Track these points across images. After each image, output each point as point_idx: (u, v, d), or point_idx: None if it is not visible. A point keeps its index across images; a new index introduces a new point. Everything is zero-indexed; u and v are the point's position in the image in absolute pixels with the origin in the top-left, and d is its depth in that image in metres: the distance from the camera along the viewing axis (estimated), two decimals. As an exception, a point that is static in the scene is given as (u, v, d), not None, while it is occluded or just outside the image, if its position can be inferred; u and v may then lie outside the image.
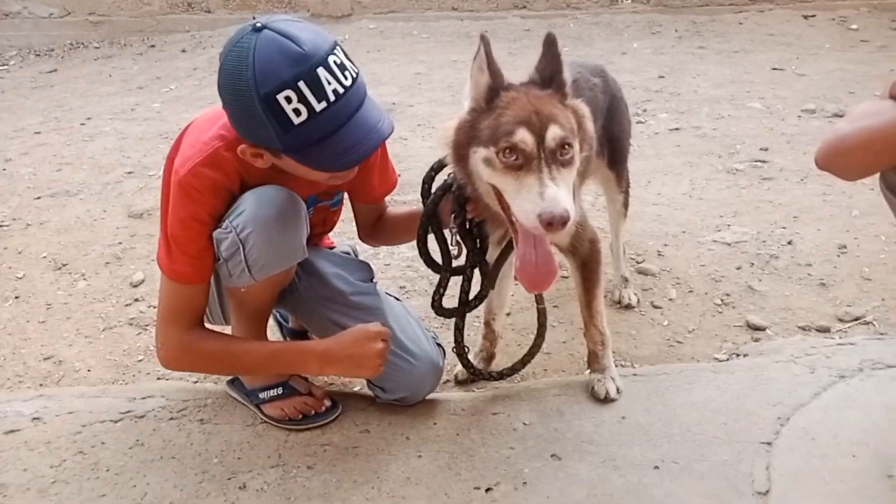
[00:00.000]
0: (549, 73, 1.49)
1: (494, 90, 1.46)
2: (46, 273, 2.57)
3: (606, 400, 1.75)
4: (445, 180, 1.66)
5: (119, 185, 3.25)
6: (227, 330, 1.76)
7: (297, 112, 1.31)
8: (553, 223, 1.30)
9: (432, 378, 1.75)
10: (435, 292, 1.74)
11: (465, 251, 1.72)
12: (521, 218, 1.38)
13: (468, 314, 1.79)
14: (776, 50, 4.84)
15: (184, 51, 5.49)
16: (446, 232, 1.69)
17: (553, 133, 1.38)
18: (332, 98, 1.33)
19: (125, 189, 3.19)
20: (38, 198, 3.19)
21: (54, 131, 4.07)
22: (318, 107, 1.32)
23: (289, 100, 1.30)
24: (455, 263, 1.74)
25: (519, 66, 5.01)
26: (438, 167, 1.69)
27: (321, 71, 1.32)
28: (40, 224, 2.94)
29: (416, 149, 3.55)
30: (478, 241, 1.71)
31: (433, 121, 3.91)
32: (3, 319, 2.31)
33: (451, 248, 1.70)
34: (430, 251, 1.74)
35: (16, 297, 2.43)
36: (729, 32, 5.32)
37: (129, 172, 3.36)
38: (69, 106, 4.54)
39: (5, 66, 5.69)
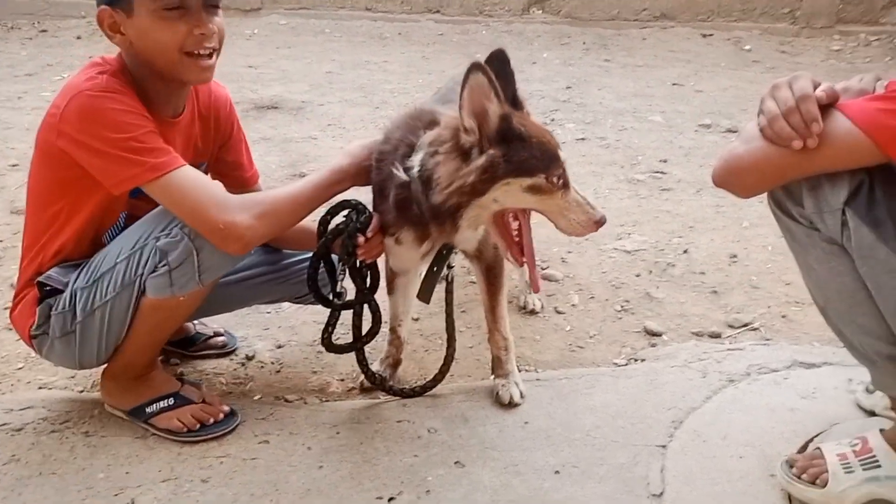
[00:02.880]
0: (511, 93, 1.50)
1: (507, 118, 1.42)
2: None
3: (510, 405, 1.77)
4: (338, 225, 1.65)
5: (1, 178, 3.02)
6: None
7: None
8: (604, 223, 1.51)
9: None
10: (325, 329, 1.69)
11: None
12: (575, 229, 1.51)
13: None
14: (676, 66, 5.07)
15: (79, 37, 5.17)
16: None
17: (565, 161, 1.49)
18: None
19: (7, 183, 2.97)
20: None
21: (-72, 118, 3.75)
22: None
23: None
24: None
25: (433, 70, 5.01)
26: (335, 211, 1.66)
27: None
28: None
29: (325, 148, 3.50)
30: (367, 279, 1.72)
31: (343, 120, 3.87)
32: None
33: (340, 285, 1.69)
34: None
35: None
36: (633, 47, 5.54)
37: (14, 165, 3.12)
38: (-54, 91, 4.19)
39: None
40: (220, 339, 1.99)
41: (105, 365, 1.67)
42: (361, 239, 1.61)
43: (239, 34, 5.43)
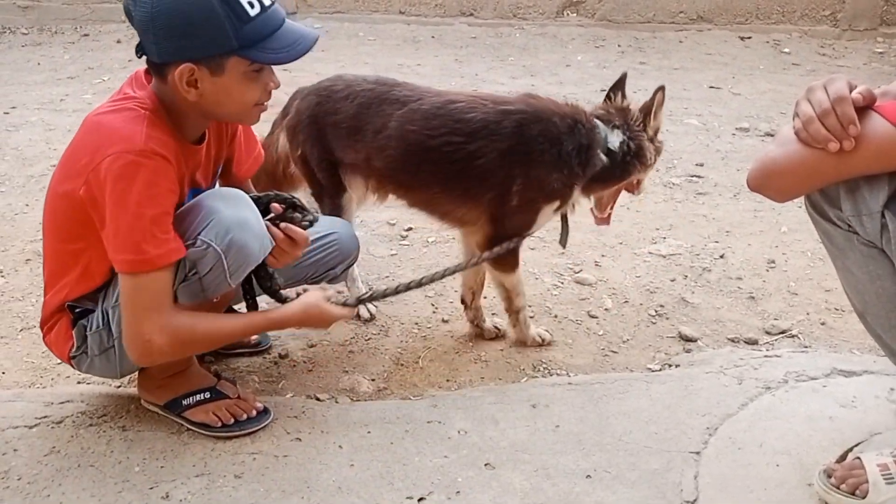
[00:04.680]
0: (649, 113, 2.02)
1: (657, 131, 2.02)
2: (-38, 268, 2.43)
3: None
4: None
5: (44, 178, 3.09)
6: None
7: (251, 5, 1.44)
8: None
9: (355, 236, 1.95)
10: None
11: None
12: (603, 220, 2.16)
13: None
14: (713, 69, 5.00)
15: (119, 41, 5.28)
16: None
17: None
18: (270, 1, 1.49)
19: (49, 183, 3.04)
20: (-44, 189, 3.02)
21: (-24, 120, 3.86)
22: (266, 3, 1.47)
23: None
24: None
25: (465, 73, 5.01)
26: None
27: None
28: (-43, 217, 2.78)
29: (358, 151, 3.51)
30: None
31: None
32: None
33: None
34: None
35: (-74, 294, 2.29)
36: (669, 50, 5.47)
37: (55, 166, 3.20)
38: (-7, 94, 4.31)
39: (-76, 49, 5.37)
40: (254, 337, 2.02)
41: None
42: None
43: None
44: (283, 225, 1.63)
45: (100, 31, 5.60)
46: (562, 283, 2.42)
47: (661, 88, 1.95)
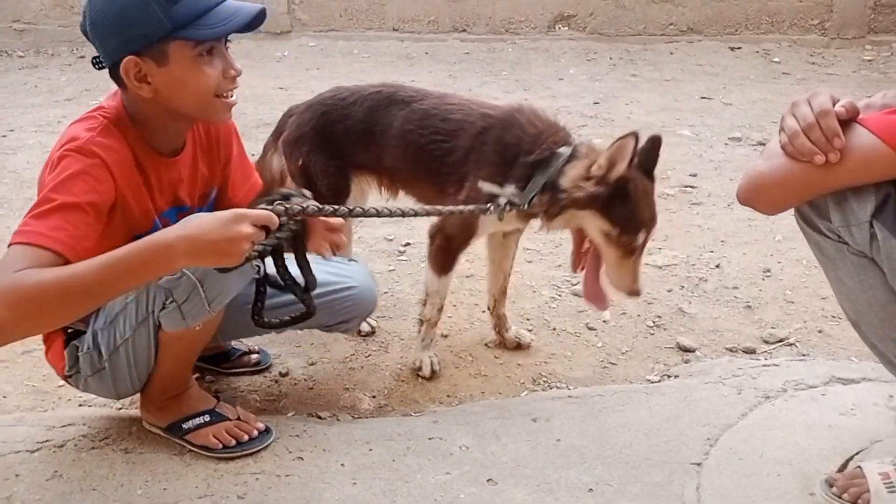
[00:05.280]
0: (650, 167, 1.77)
1: (625, 179, 1.70)
2: (-41, 293, 2.42)
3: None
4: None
5: (42, 200, 3.11)
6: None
7: None
8: (636, 296, 1.85)
9: (374, 292, 1.88)
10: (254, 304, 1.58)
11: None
12: (613, 283, 1.81)
13: None
14: (704, 79, 5.04)
15: (115, 63, 5.33)
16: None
17: (651, 236, 1.79)
18: None
19: (49, 205, 3.06)
20: (-46, 213, 3.03)
21: (-27, 143, 3.88)
22: None
23: None
24: None
25: (459, 88, 5.03)
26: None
27: None
28: (-46, 241, 2.78)
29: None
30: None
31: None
32: None
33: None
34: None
35: (-76, 319, 2.28)
36: (660, 61, 5.52)
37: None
38: (-10, 117, 4.33)
39: (-79, 74, 5.40)
40: (255, 356, 2.02)
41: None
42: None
43: (270, 57, 5.54)
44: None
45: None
46: (560, 295, 2.44)
47: (632, 134, 1.66)
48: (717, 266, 2.60)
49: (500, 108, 1.96)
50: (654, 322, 2.28)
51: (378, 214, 1.57)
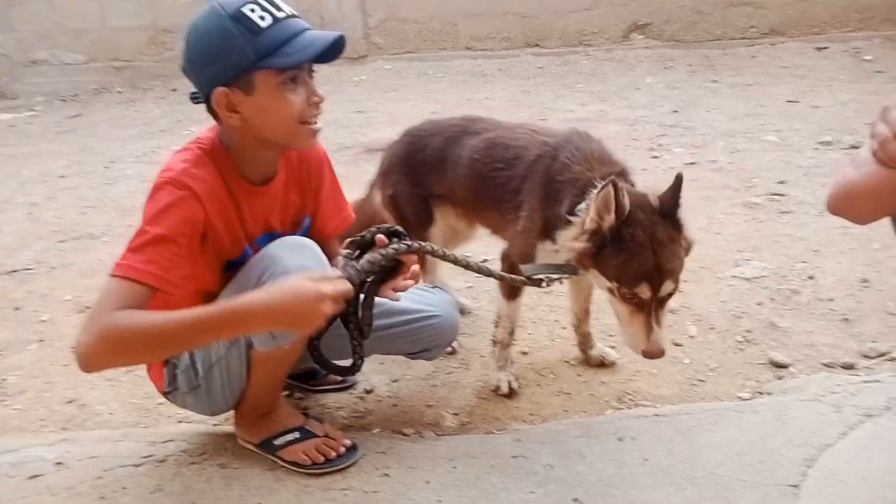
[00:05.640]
0: (670, 209, 1.66)
1: (617, 230, 1.61)
2: (70, 316, 2.60)
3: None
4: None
5: (141, 227, 3.30)
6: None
7: (262, 18, 1.48)
8: (654, 358, 1.66)
9: (457, 322, 1.89)
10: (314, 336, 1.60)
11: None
12: (626, 341, 1.71)
13: None
14: (790, 82, 4.85)
15: (204, 94, 5.61)
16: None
17: (667, 288, 1.63)
18: (287, 12, 1.53)
19: (147, 231, 3.24)
20: (63, 241, 3.25)
21: (78, 175, 4.16)
22: (279, 14, 1.50)
23: (252, 10, 1.48)
24: None
25: (534, 103, 5.03)
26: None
27: None
28: (64, 267, 2.99)
29: (432, 187, 3.58)
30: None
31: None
32: (27, 363, 2.34)
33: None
34: None
35: (40, 341, 2.46)
36: (742, 66, 5.35)
37: (151, 215, 3.41)
38: (93, 150, 4.63)
39: (32, 112, 5.84)
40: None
41: None
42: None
43: (348, 81, 5.70)
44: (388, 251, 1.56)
45: (187, 86, 5.85)
46: (642, 310, 2.39)
47: (610, 182, 1.58)
48: (811, 277, 2.49)
49: (557, 135, 1.94)
50: (743, 337, 2.20)
51: (455, 262, 1.70)
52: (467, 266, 1.72)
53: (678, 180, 1.65)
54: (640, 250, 1.61)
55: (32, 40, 6.23)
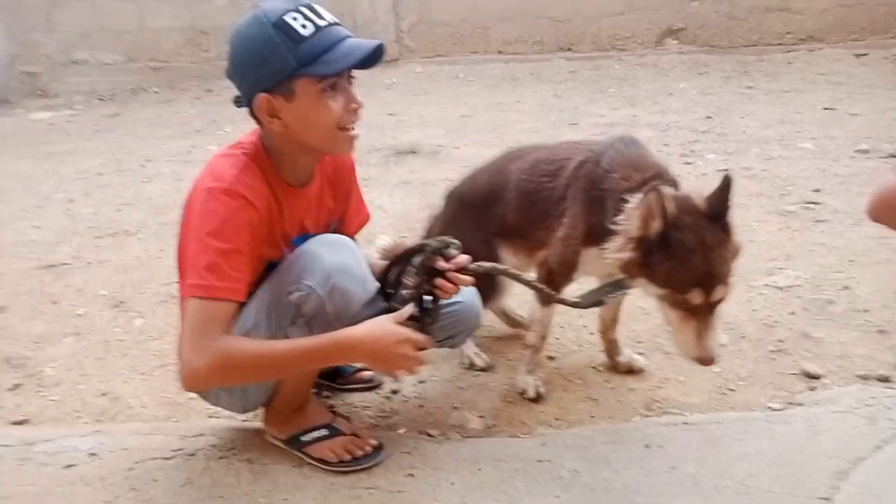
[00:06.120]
0: (719, 211, 1.64)
1: (664, 235, 1.60)
2: (105, 311, 2.66)
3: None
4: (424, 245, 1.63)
5: (175, 225, 3.34)
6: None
7: (304, 26, 1.51)
8: (706, 365, 1.65)
9: (479, 308, 1.88)
10: None
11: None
12: (678, 348, 1.69)
13: None
14: (827, 89, 4.77)
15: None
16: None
17: (719, 293, 1.61)
18: (329, 20, 1.55)
19: (180, 229, 3.30)
20: (99, 237, 3.32)
21: (115, 173, 4.25)
22: (321, 23, 1.53)
23: (295, 19, 1.51)
24: None
25: (565, 107, 5.00)
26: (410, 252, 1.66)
27: (313, 5, 1.56)
28: (100, 263, 3.05)
29: (461, 190, 3.58)
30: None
31: (478, 161, 3.93)
32: (63, 356, 2.39)
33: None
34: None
35: (76, 334, 2.52)
36: (778, 72, 5.27)
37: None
38: (129, 148, 4.73)
39: (72, 111, 5.97)
40: (368, 372, 2.09)
41: None
42: (442, 263, 1.59)
43: (379, 84, 5.74)
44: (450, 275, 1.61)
45: (222, 87, 5.99)
46: (672, 318, 2.36)
47: (653, 190, 1.59)
48: (846, 287, 2.45)
49: (601, 143, 1.93)
50: (775, 346, 2.17)
51: (516, 277, 1.74)
52: (526, 283, 1.78)
53: (727, 182, 1.63)
54: (690, 255, 1.58)
55: (73, 40, 6.39)
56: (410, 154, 4.14)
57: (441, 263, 1.60)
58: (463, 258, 1.63)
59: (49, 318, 2.63)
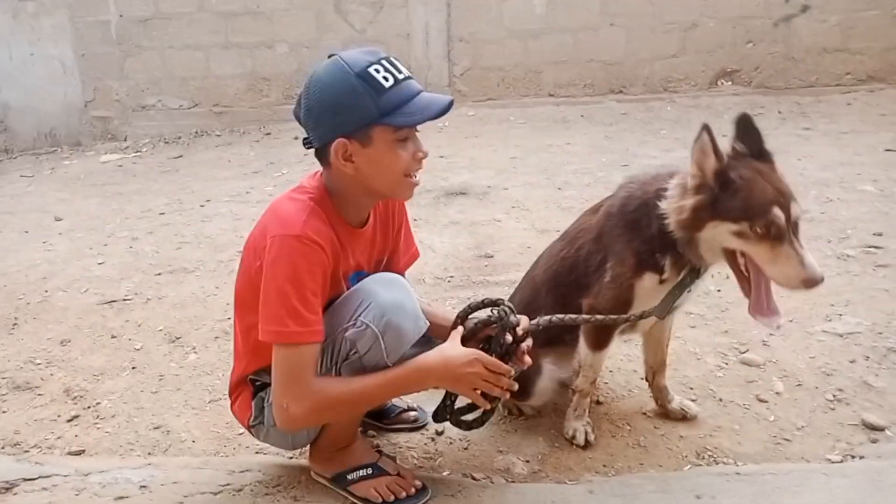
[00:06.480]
0: (757, 148, 1.67)
1: (722, 171, 1.61)
2: (161, 345, 2.75)
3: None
4: (489, 318, 1.71)
5: (231, 263, 3.46)
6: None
7: (385, 79, 1.57)
8: (816, 284, 1.57)
9: None
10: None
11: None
12: (781, 281, 1.60)
13: None
14: (890, 131, 4.64)
15: (296, 138, 5.86)
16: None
17: (796, 209, 1.60)
18: (405, 73, 1.62)
19: (237, 267, 3.38)
20: (159, 274, 3.44)
21: (177, 212, 4.42)
22: (400, 76, 1.59)
23: (377, 71, 1.57)
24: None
25: (615, 149, 5.01)
26: (476, 307, 1.74)
27: (392, 59, 1.63)
28: (159, 299, 3.16)
29: (509, 230, 3.60)
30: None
31: (527, 203, 3.97)
32: (120, 388, 2.47)
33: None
34: None
35: (133, 368, 2.60)
36: (836, 113, 5.17)
37: (241, 252, 3.57)
38: (191, 189, 4.92)
39: (139, 153, 6.27)
40: (413, 413, 2.09)
41: None
42: (509, 338, 1.66)
43: (431, 127, 5.75)
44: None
45: (280, 130, 6.26)
46: (727, 363, 2.30)
47: (704, 128, 1.63)
48: (910, 335, 2.35)
49: (615, 196, 1.93)
50: (834, 395, 2.08)
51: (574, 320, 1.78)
52: (585, 321, 1.81)
53: (744, 118, 1.66)
54: (755, 181, 1.60)
55: (143, 87, 6.73)
56: (460, 195, 4.19)
57: (509, 337, 1.67)
58: (525, 322, 1.71)
59: (108, 352, 2.73)
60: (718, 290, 2.75)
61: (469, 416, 1.77)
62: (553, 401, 2.15)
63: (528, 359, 1.70)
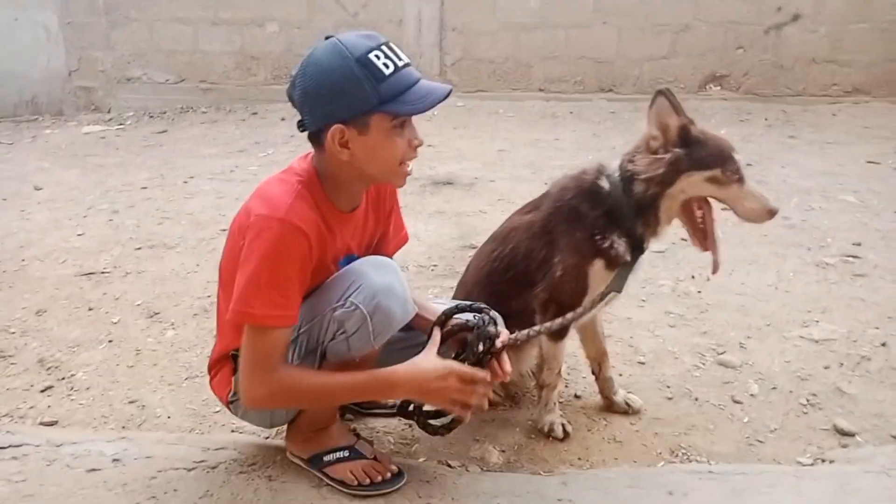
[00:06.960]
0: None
1: (685, 127, 1.76)
2: (139, 320, 2.72)
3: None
4: (468, 322, 1.69)
5: (213, 241, 3.43)
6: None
7: (386, 66, 1.55)
8: (775, 214, 1.79)
9: None
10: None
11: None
12: (752, 216, 1.78)
13: None
14: (872, 143, 4.71)
15: (283, 119, 5.82)
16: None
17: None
18: (405, 60, 1.59)
19: (218, 245, 3.36)
20: (139, 248, 3.40)
21: (159, 187, 4.36)
22: (399, 63, 1.57)
23: (378, 57, 1.54)
24: None
25: (603, 147, 5.03)
26: (459, 310, 1.73)
27: (391, 45, 1.60)
28: (138, 273, 3.12)
29: (494, 222, 3.57)
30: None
31: (512, 195, 3.97)
32: (95, 361, 2.44)
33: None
34: None
35: (109, 341, 2.57)
36: (822, 123, 5.23)
37: (223, 230, 3.54)
38: (174, 165, 4.86)
39: (122, 126, 6.18)
40: (391, 399, 2.09)
41: None
42: (481, 347, 1.64)
43: (421, 117, 5.80)
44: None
45: (267, 110, 6.20)
46: (703, 364, 2.33)
47: (658, 92, 1.78)
48: (884, 344, 2.39)
49: (543, 202, 1.97)
50: (807, 400, 2.12)
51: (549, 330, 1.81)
52: (550, 328, 1.82)
53: (663, 91, 1.76)
54: (709, 134, 1.78)
55: (129, 59, 6.63)
56: (447, 185, 4.18)
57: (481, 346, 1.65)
58: (505, 335, 1.70)
59: (85, 324, 2.69)
60: (699, 292, 2.78)
61: (437, 421, 1.74)
62: (531, 393, 2.17)
63: (503, 371, 1.67)
